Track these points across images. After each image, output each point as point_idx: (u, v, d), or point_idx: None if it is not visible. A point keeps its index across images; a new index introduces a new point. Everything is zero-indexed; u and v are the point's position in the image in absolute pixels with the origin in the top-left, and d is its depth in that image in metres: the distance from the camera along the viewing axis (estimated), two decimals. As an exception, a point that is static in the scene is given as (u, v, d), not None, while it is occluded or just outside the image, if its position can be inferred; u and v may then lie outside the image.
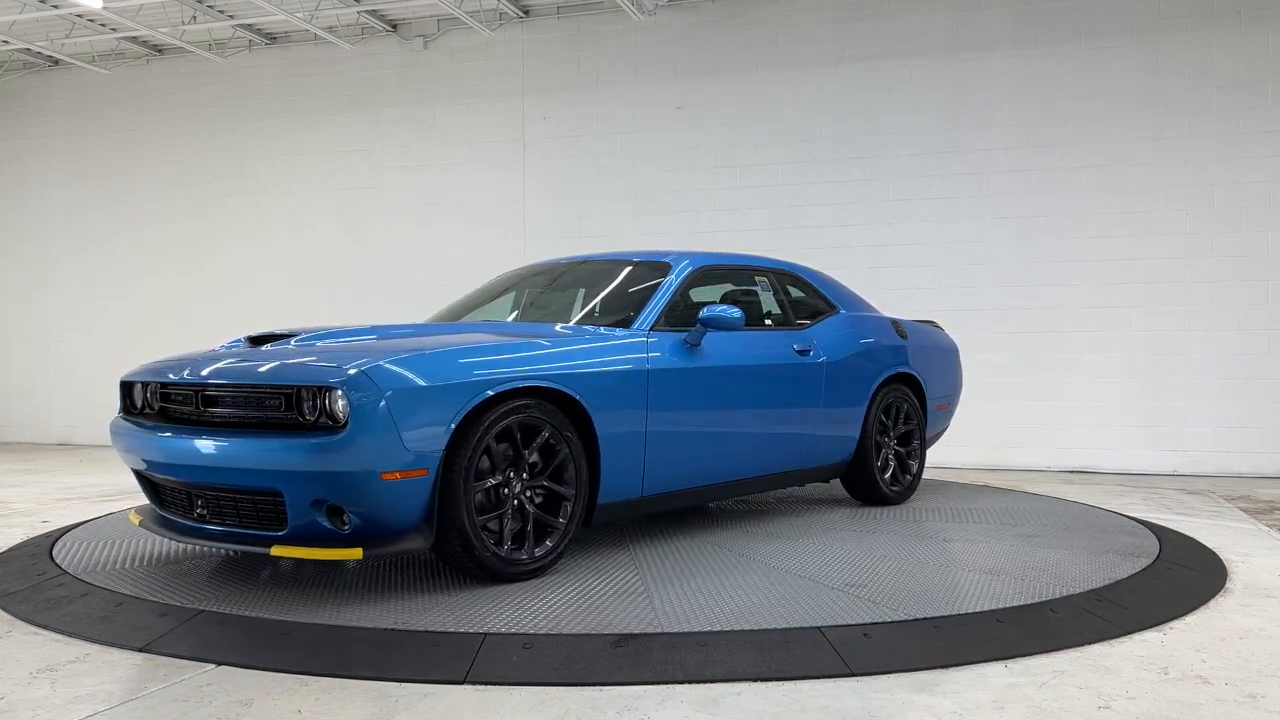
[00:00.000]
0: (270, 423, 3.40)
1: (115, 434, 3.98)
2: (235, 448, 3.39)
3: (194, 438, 3.51)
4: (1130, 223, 7.88)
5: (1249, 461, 7.64)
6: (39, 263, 10.92)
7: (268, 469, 3.31)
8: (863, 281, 8.47)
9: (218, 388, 3.56)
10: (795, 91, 8.65)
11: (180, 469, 3.59)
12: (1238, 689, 2.68)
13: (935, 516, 5.23)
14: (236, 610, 3.30)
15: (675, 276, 4.68)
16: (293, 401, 3.35)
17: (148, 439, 3.70)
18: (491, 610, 3.29)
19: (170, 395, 3.77)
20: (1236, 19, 7.70)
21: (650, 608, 3.31)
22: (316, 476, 3.27)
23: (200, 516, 3.64)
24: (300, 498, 3.30)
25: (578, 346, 4.03)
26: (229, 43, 10.10)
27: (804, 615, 3.21)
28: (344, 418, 3.25)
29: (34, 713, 2.51)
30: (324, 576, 3.79)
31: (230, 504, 3.52)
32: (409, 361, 3.44)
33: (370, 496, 3.30)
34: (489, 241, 9.34)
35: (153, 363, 4.05)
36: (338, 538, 3.36)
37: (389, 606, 3.35)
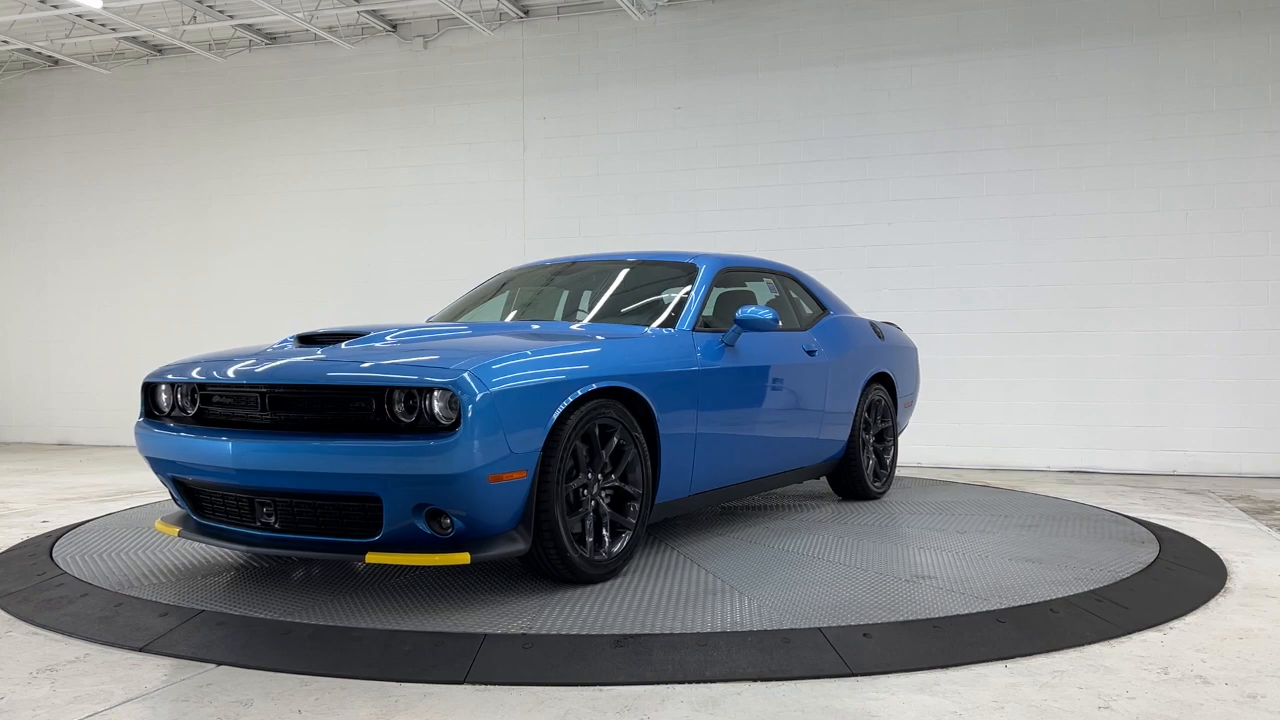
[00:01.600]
0: (354, 424, 3.25)
1: (146, 439, 3.78)
2: (328, 452, 3.22)
3: (273, 442, 3.32)
4: (1130, 223, 7.88)
5: (1249, 461, 7.64)
6: (39, 262, 10.92)
7: (366, 473, 3.17)
8: (863, 281, 8.48)
9: (293, 389, 3.37)
10: (795, 91, 8.65)
11: (250, 475, 3.36)
12: (1238, 689, 2.68)
13: (935, 517, 5.23)
14: (236, 610, 3.29)
15: (704, 278, 4.74)
16: (387, 403, 3.22)
17: (202, 444, 3.49)
18: (491, 610, 3.29)
19: (215, 397, 3.59)
20: (1236, 19, 7.70)
21: (650, 608, 3.32)
22: (423, 480, 3.15)
23: (267, 525, 3.45)
24: (401, 502, 3.19)
25: (643, 347, 4.05)
26: (229, 43, 10.10)
27: (804, 615, 3.21)
28: (455, 419, 3.15)
29: (34, 713, 2.51)
30: (323, 577, 3.79)
31: (310, 510, 3.36)
32: (511, 361, 3.39)
33: (476, 499, 3.20)
34: (489, 241, 9.34)
35: (180, 364, 3.82)
36: (438, 542, 3.26)
37: (389, 606, 3.35)
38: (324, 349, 3.64)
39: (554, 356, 3.56)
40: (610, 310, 4.72)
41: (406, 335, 3.86)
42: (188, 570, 3.91)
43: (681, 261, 4.92)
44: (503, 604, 3.36)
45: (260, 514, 3.46)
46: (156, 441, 3.74)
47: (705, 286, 4.67)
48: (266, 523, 3.45)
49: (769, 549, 4.31)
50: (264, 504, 3.43)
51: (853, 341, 5.59)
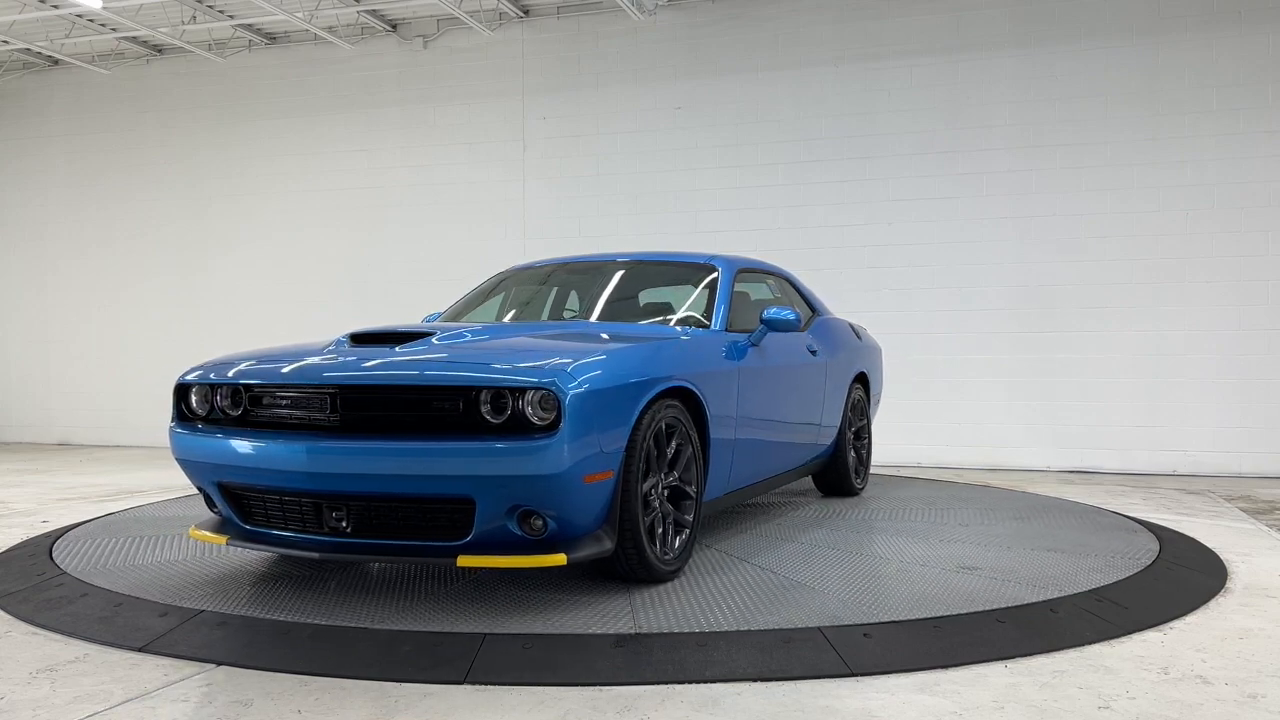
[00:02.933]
0: (437, 425, 3.19)
1: (185, 442, 3.61)
2: (421, 454, 3.14)
3: (354, 444, 3.21)
4: (1130, 223, 7.88)
5: (1249, 461, 7.64)
6: (39, 262, 10.92)
7: (461, 475, 3.11)
8: (863, 281, 8.49)
9: (373, 389, 3.27)
10: (795, 91, 8.65)
11: (325, 478, 3.25)
12: (1238, 689, 2.68)
13: (935, 517, 5.23)
14: (236, 610, 3.29)
15: (725, 279, 4.78)
16: (476, 403, 3.16)
17: (264, 447, 3.34)
18: (491, 610, 3.29)
19: (266, 398, 3.46)
20: (1236, 19, 7.70)
21: (650, 608, 3.31)
22: (521, 481, 3.10)
23: (337, 529, 3.33)
24: (495, 504, 3.14)
25: (694, 347, 4.06)
26: (229, 43, 10.10)
27: (804, 615, 3.21)
28: (551, 419, 3.12)
29: (34, 713, 2.51)
30: (322, 577, 3.79)
31: (391, 514, 3.27)
32: (600, 361, 3.39)
33: (570, 500, 3.18)
34: (489, 241, 9.33)
35: (217, 364, 3.67)
36: (529, 544, 3.22)
37: (389, 606, 3.35)
38: (395, 349, 3.50)
39: (634, 356, 3.58)
40: (638, 310, 4.74)
41: (474, 336, 3.79)
42: (188, 570, 3.91)
43: (700, 262, 4.97)
44: (503, 604, 3.36)
45: (328, 519, 3.33)
46: (199, 445, 3.56)
47: (728, 287, 4.72)
48: (336, 527, 3.33)
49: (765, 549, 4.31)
50: (335, 508, 3.31)
51: (842, 342, 5.75)
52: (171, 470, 8.02)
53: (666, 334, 4.21)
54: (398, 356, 3.41)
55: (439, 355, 3.44)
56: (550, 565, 3.18)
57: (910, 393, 8.31)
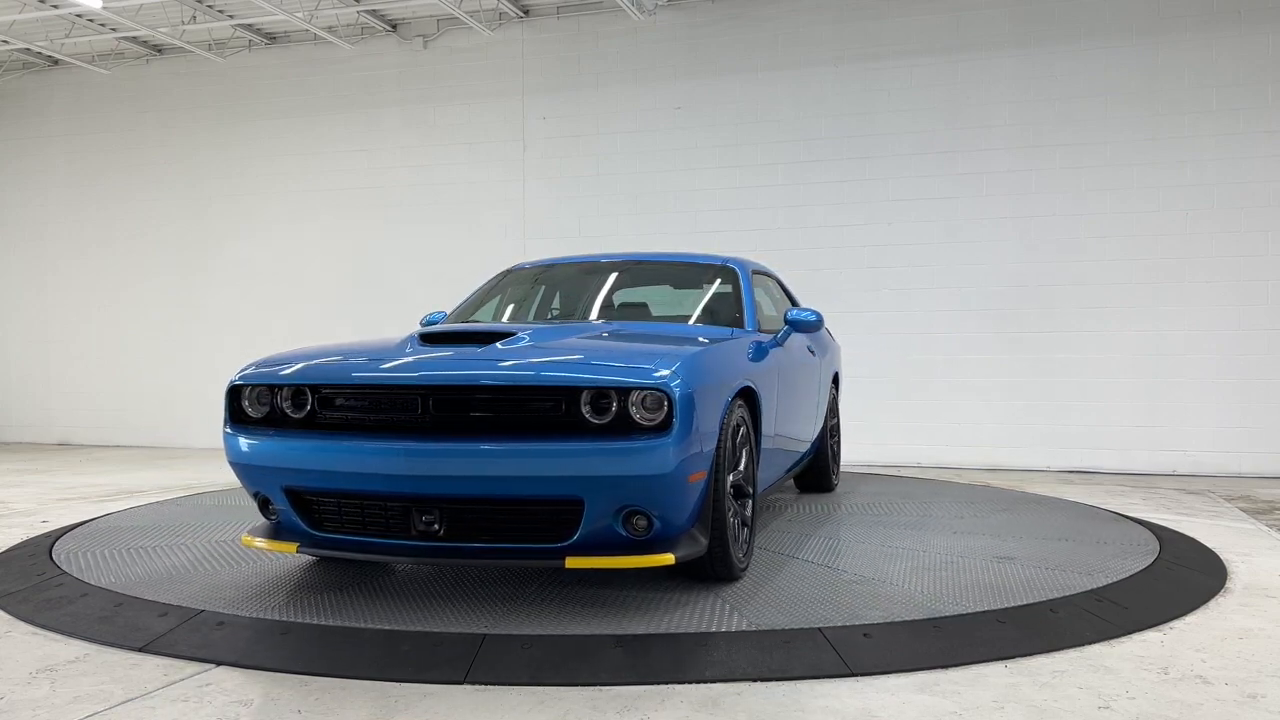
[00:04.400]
0: (536, 425, 3.14)
1: (249, 447, 3.43)
2: (531, 455, 3.07)
3: (455, 445, 3.13)
4: (1130, 223, 7.88)
5: (1249, 461, 7.64)
6: (39, 262, 10.92)
7: (572, 475, 3.06)
8: (863, 281, 8.49)
9: (472, 390, 3.19)
10: (795, 91, 8.65)
11: (423, 481, 3.15)
12: (1238, 689, 2.68)
13: (935, 517, 5.23)
14: (236, 610, 3.29)
15: (746, 280, 4.83)
16: (576, 403, 3.12)
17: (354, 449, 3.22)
18: (491, 610, 3.29)
19: (339, 399, 3.35)
20: (1236, 19, 7.70)
21: (650, 607, 3.31)
22: (632, 481, 3.07)
23: (428, 533, 3.24)
24: (604, 504, 3.10)
25: (745, 347, 4.06)
26: (229, 43, 10.10)
27: (804, 615, 3.21)
28: (659, 419, 3.09)
29: (34, 713, 2.51)
30: (322, 577, 3.78)
31: (490, 516, 3.21)
32: (698, 361, 3.38)
33: (676, 499, 3.16)
34: (489, 241, 9.33)
35: (274, 364, 3.52)
36: (634, 544, 3.19)
37: (389, 606, 3.35)
38: (482, 349, 3.43)
39: (719, 356, 3.59)
40: (665, 311, 4.74)
41: (556, 336, 3.72)
42: (188, 570, 3.91)
43: (718, 263, 5.01)
44: (503, 604, 3.36)
45: (417, 522, 3.24)
46: (263, 448, 3.38)
47: (750, 288, 4.77)
48: (427, 531, 3.24)
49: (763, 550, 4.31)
50: (426, 511, 3.22)
51: (827, 342, 5.89)
52: (171, 470, 8.04)
53: (724, 334, 4.18)
54: (494, 356, 3.34)
55: (539, 356, 3.36)
56: (657, 565, 3.16)
57: (910, 393, 8.31)
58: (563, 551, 3.16)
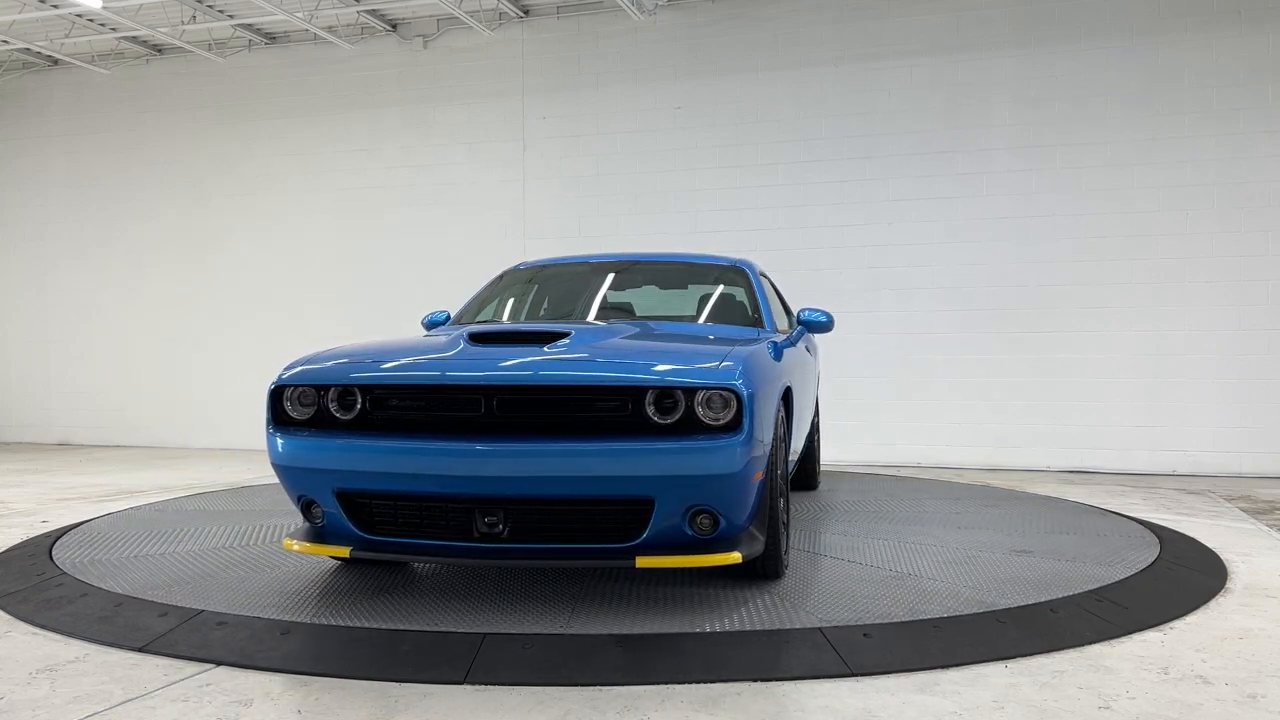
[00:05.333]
0: (601, 425, 3.13)
1: (297, 448, 3.32)
2: (604, 455, 3.06)
3: (525, 445, 3.09)
4: (1130, 223, 7.88)
5: (1249, 461, 7.64)
6: (39, 262, 10.92)
7: (644, 475, 3.06)
8: (863, 281, 8.49)
9: (536, 390, 3.17)
10: (795, 91, 8.65)
11: (490, 482, 3.11)
12: (1238, 689, 2.68)
13: (935, 517, 5.23)
14: (236, 610, 3.29)
15: (757, 280, 4.85)
16: (642, 402, 3.11)
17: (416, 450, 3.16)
18: (491, 610, 3.29)
19: (393, 400, 3.29)
20: (1236, 19, 7.70)
21: (650, 608, 3.31)
22: (704, 480, 3.08)
23: (491, 535, 3.20)
24: (673, 504, 3.10)
25: (779, 348, 4.08)
26: (229, 43, 10.10)
27: (804, 615, 3.21)
28: (728, 418, 3.10)
29: (34, 713, 2.51)
30: (322, 577, 3.78)
31: (556, 517, 3.18)
32: (758, 361, 3.39)
33: (741, 498, 3.17)
34: (489, 241, 9.33)
35: (320, 364, 3.42)
36: (699, 543, 3.19)
37: (389, 606, 3.34)
38: (543, 349, 3.39)
39: (771, 357, 3.59)
40: (681, 311, 4.75)
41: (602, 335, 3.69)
42: (188, 570, 3.91)
43: (727, 264, 5.02)
44: (503, 604, 3.36)
45: (479, 524, 3.19)
46: (315, 450, 3.29)
47: (762, 288, 4.79)
48: (490, 532, 3.19)
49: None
50: (490, 513, 3.18)
51: (815, 343, 5.92)
52: (171, 470, 8.04)
53: (752, 335, 4.18)
54: (556, 356, 3.32)
55: (601, 356, 3.36)
56: (726, 564, 3.17)
57: (910, 393, 8.31)
58: (631, 551, 3.15)
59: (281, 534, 4.68)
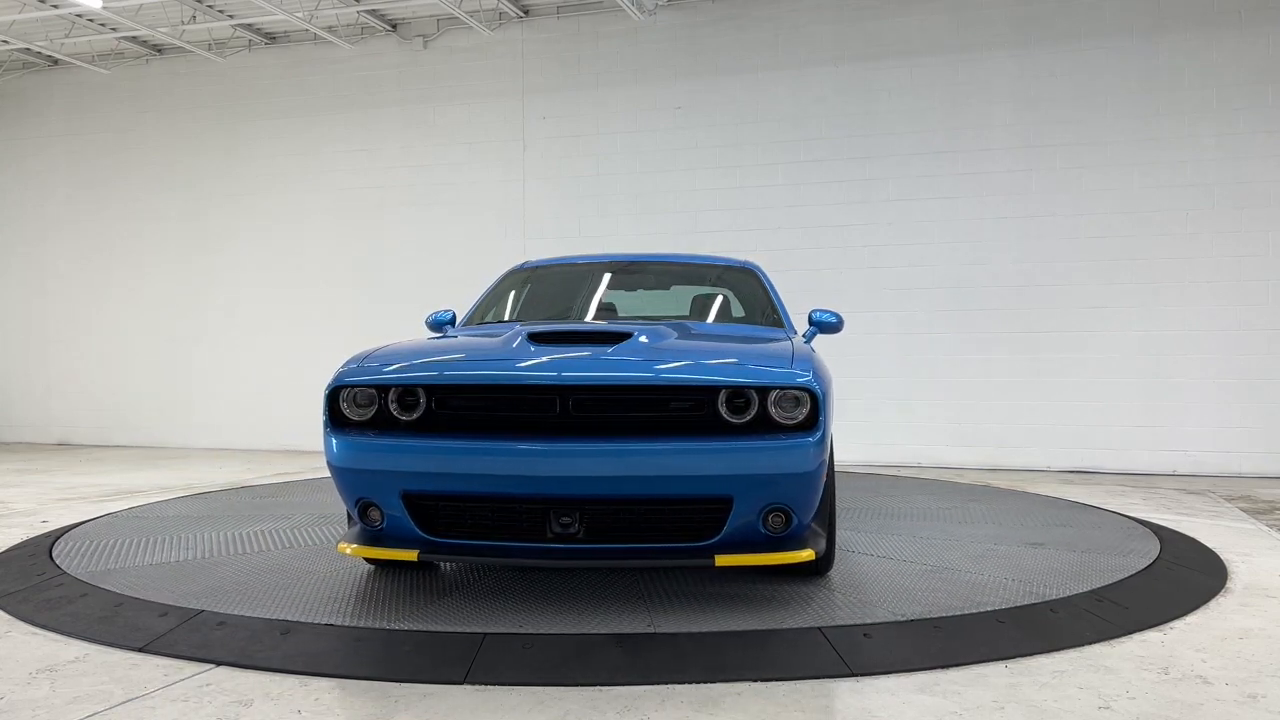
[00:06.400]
0: (678, 424, 3.13)
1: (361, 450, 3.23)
2: (680, 454, 3.06)
3: (606, 445, 3.07)
4: (1130, 223, 7.88)
5: (1249, 461, 7.64)
6: (39, 263, 10.92)
7: (725, 474, 3.07)
8: (863, 281, 8.48)
9: (609, 389, 3.15)
10: (795, 91, 8.65)
11: (562, 482, 3.08)
12: (1238, 689, 2.68)
13: (935, 517, 5.23)
14: (236, 610, 3.29)
15: (767, 280, 4.85)
16: (715, 402, 3.13)
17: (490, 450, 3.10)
18: (491, 610, 3.29)
19: (454, 400, 3.23)
20: (1236, 19, 7.70)
21: (650, 608, 3.31)
22: (782, 479, 3.10)
23: (566, 535, 3.16)
24: (751, 503, 3.11)
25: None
26: (229, 43, 10.09)
27: (804, 615, 3.21)
28: (802, 418, 3.14)
29: (34, 713, 2.51)
30: (322, 577, 3.78)
31: (633, 517, 3.16)
32: (820, 361, 3.43)
33: (812, 496, 3.22)
34: (489, 241, 9.33)
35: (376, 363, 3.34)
36: (772, 541, 3.21)
37: (389, 606, 3.34)
38: (609, 349, 3.37)
39: (820, 358, 3.61)
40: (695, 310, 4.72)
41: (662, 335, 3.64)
42: (188, 570, 3.91)
43: (735, 265, 5.01)
44: (503, 604, 3.36)
45: (555, 525, 3.15)
46: (380, 452, 3.20)
47: (774, 289, 4.79)
48: (564, 534, 3.15)
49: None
50: (565, 513, 3.14)
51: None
52: (171, 470, 8.03)
53: (781, 335, 4.19)
54: (627, 356, 3.30)
55: (672, 356, 3.36)
56: (800, 561, 3.20)
57: (910, 393, 8.31)
58: (709, 550, 3.15)
59: (281, 534, 4.68)
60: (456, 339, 3.92)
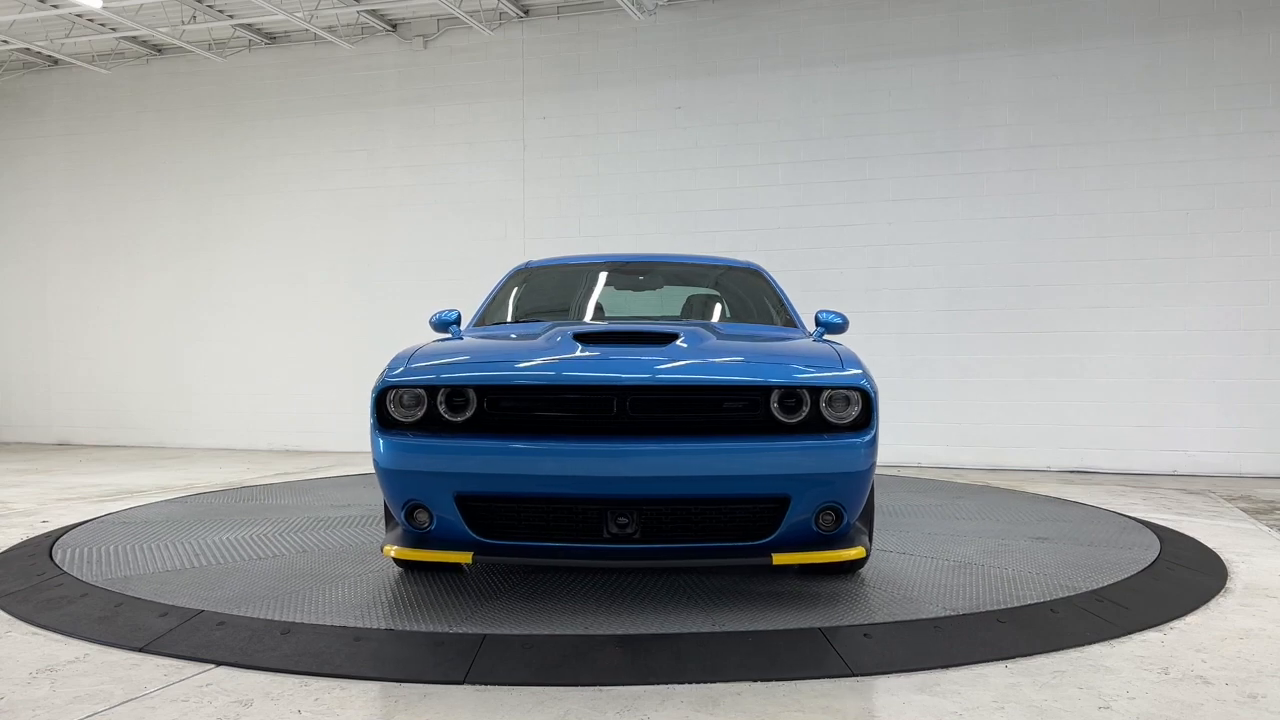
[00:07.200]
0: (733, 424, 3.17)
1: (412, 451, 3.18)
2: (739, 453, 3.10)
3: (666, 445, 3.08)
4: (1130, 223, 7.88)
5: (1249, 461, 7.64)
6: (39, 263, 10.92)
7: (782, 474, 3.11)
8: (863, 281, 8.48)
9: (667, 389, 3.16)
10: (795, 91, 8.65)
11: (622, 482, 3.08)
12: (1238, 689, 2.68)
13: (935, 517, 5.23)
14: (236, 610, 3.29)
15: (775, 281, 4.86)
16: (767, 402, 3.16)
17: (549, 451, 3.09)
18: (491, 610, 3.29)
19: (504, 401, 3.20)
20: (1236, 19, 7.70)
21: (650, 608, 3.31)
22: (837, 478, 3.15)
23: (622, 536, 3.15)
24: (808, 501, 3.15)
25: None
26: (229, 43, 10.09)
27: (804, 615, 3.21)
28: (854, 417, 3.19)
29: (34, 713, 2.51)
30: (322, 577, 3.78)
31: (693, 516, 3.16)
32: (862, 359, 3.46)
33: (862, 495, 3.27)
34: (489, 241, 9.33)
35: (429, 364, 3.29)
36: (823, 539, 3.25)
37: (389, 606, 3.34)
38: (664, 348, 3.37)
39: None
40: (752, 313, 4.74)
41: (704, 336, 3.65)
42: (187, 570, 3.91)
43: (740, 266, 5.01)
44: (503, 604, 3.36)
45: (611, 525, 3.15)
46: (434, 453, 3.16)
47: (781, 289, 4.80)
48: (621, 534, 3.15)
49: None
50: (622, 514, 3.13)
51: None
52: (171, 470, 8.03)
53: (799, 334, 4.21)
54: (684, 356, 3.32)
55: (725, 355, 3.40)
56: (850, 559, 3.25)
57: (910, 393, 8.31)
58: (766, 548, 3.17)
59: (281, 534, 4.68)
60: (503, 340, 3.82)
